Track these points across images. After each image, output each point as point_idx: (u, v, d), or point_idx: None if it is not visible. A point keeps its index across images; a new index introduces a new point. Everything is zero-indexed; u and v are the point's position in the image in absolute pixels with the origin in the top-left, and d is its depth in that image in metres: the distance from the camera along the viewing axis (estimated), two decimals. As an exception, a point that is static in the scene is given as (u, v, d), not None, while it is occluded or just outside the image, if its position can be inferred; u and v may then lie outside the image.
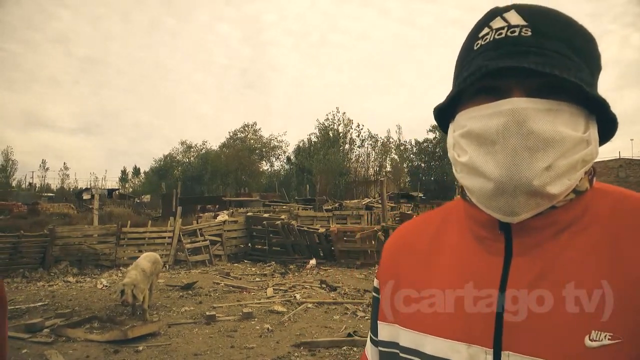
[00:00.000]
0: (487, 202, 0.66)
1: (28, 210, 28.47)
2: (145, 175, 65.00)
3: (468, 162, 0.67)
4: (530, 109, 0.61)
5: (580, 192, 0.67)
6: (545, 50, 0.63)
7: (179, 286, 9.65)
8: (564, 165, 0.62)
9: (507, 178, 0.61)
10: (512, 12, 0.66)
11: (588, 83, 0.63)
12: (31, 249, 11.35)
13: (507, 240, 0.67)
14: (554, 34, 0.64)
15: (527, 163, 0.61)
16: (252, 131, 54.28)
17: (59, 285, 10.06)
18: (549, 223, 0.65)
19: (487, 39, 0.67)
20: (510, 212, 0.64)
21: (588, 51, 0.67)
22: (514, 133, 0.61)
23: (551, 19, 0.66)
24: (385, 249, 0.88)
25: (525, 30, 0.64)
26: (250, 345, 5.79)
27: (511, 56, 0.63)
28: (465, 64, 0.70)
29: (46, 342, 5.88)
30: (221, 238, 13.97)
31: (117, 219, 18.03)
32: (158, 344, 5.83)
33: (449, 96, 0.71)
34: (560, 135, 0.62)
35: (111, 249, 12.18)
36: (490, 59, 0.64)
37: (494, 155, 0.63)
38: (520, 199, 0.62)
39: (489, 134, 0.63)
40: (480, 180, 0.65)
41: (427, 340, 0.70)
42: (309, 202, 26.80)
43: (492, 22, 0.67)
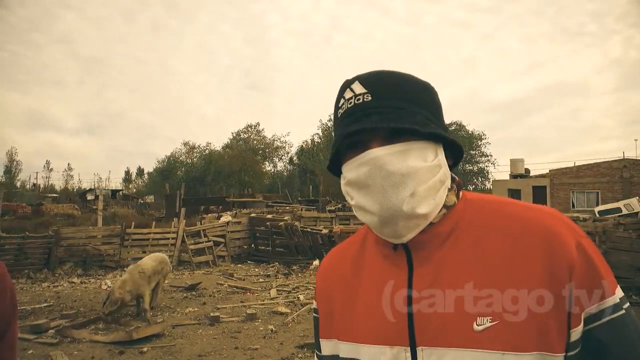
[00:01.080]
0: (378, 230, 0.82)
1: (32, 211, 28.63)
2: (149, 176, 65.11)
3: (356, 204, 0.82)
4: (384, 155, 0.77)
5: (450, 206, 0.82)
6: (383, 109, 0.79)
7: (183, 287, 9.69)
8: (424, 190, 0.77)
9: (383, 210, 0.77)
10: (356, 83, 0.83)
11: (423, 123, 0.78)
12: (36, 250, 11.42)
13: (408, 255, 0.82)
14: (388, 94, 0.80)
15: (394, 195, 0.76)
16: (255, 132, 54.35)
17: (64, 286, 10.11)
18: (431, 237, 0.81)
19: (343, 107, 0.83)
20: (397, 236, 0.79)
21: (422, 98, 0.83)
22: (378, 176, 0.77)
23: (385, 82, 0.82)
24: (319, 273, 1.02)
25: (367, 96, 0.80)
26: (254, 346, 5.81)
27: (359, 119, 0.79)
28: (336, 129, 0.86)
29: (51, 343, 5.92)
30: (224, 239, 14.01)
31: (121, 220, 18.11)
32: (162, 345, 5.86)
33: (330, 156, 0.87)
34: (413, 168, 0.77)
35: (115, 250, 12.23)
36: (347, 125, 0.80)
37: (370, 195, 0.78)
38: (400, 224, 0.77)
39: (361, 180, 0.79)
40: (368, 215, 0.80)
41: (361, 349, 0.83)
42: (312, 203, 26.82)
43: (344, 94, 0.84)
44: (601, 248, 9.28)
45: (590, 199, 28.08)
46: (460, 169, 49.06)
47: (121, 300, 6.92)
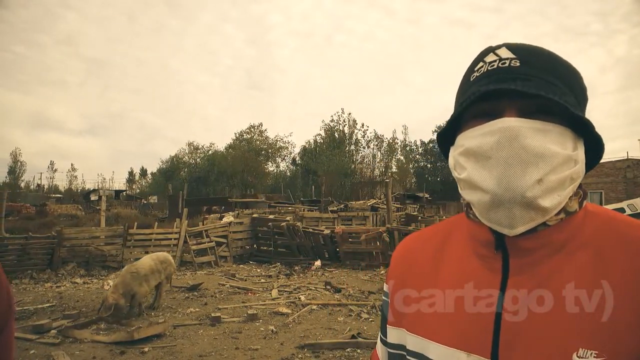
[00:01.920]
0: (486, 214, 0.71)
1: (36, 211, 28.75)
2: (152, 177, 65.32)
3: (467, 178, 0.73)
4: (521, 127, 0.67)
5: (570, 213, 0.72)
6: (532, 77, 0.69)
7: (184, 287, 9.71)
8: (554, 180, 0.67)
9: (502, 190, 0.66)
10: (503, 48, 0.74)
11: (573, 105, 0.68)
12: (39, 250, 11.47)
13: (505, 260, 0.73)
14: (540, 64, 0.71)
15: (519, 175, 0.66)
16: (257, 132, 54.45)
17: (67, 286, 10.15)
18: (542, 244, 0.70)
19: (481, 70, 0.74)
20: (508, 225, 0.68)
21: (573, 81, 0.73)
22: (507, 148, 0.67)
23: (537, 52, 0.74)
24: (394, 257, 0.95)
25: (514, 61, 0.72)
26: (254, 347, 5.82)
27: (501, 82, 0.70)
28: (463, 93, 0.78)
29: (53, 343, 5.95)
30: (227, 239, 14.03)
31: (124, 221, 18.18)
32: (163, 345, 5.88)
33: (448, 121, 0.78)
34: (550, 151, 0.67)
35: (118, 251, 12.27)
36: (483, 85, 0.71)
37: (489, 169, 0.68)
38: (516, 211, 0.67)
39: (484, 150, 0.69)
40: (478, 193, 0.71)
41: (431, 346, 0.76)
42: (314, 203, 26.83)
43: (485, 57, 0.75)
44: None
45: (593, 199, 27.98)
46: (463, 169, 48.95)
47: (115, 304, 6.93)
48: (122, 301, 7.09)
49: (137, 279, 7.36)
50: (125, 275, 7.32)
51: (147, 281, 7.57)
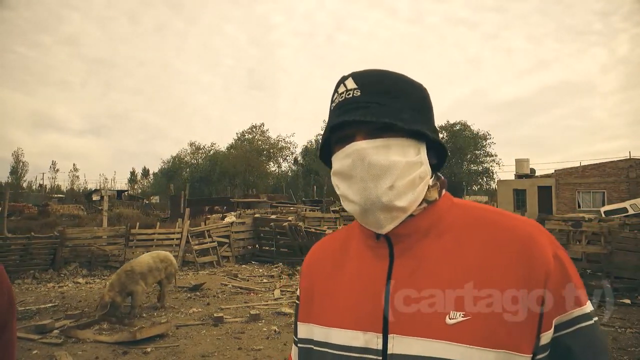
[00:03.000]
0: (360, 219, 0.87)
1: (38, 211, 28.78)
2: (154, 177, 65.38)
3: (341, 194, 0.87)
4: (366, 148, 0.81)
5: (431, 202, 0.86)
6: (370, 104, 0.82)
7: (187, 287, 9.71)
8: (403, 184, 0.81)
9: (364, 200, 0.81)
10: (349, 79, 0.87)
11: (407, 120, 0.82)
12: (41, 250, 11.48)
13: (390, 247, 0.86)
14: (376, 91, 0.84)
15: (374, 187, 0.80)
16: (259, 132, 54.45)
17: (69, 286, 10.16)
18: (412, 230, 0.85)
19: (336, 101, 0.88)
20: (378, 226, 0.83)
21: (409, 97, 0.86)
22: (359, 166, 0.81)
23: (376, 79, 0.86)
24: (304, 263, 1.06)
25: (356, 91, 0.85)
26: (257, 347, 5.81)
27: (347, 112, 0.83)
28: (328, 121, 0.90)
29: (56, 343, 5.95)
30: (229, 239, 14.03)
31: (126, 221, 18.17)
32: (166, 346, 5.87)
33: (320, 147, 0.94)
34: (393, 162, 0.81)
35: (120, 251, 12.28)
36: (336, 117, 0.85)
37: (353, 185, 0.83)
38: (379, 214, 0.82)
39: (345, 170, 0.84)
40: (351, 205, 0.85)
41: (334, 332, 0.86)
42: (316, 204, 26.81)
43: (339, 88, 0.88)
44: (607, 248, 9.23)
45: (596, 199, 27.91)
46: (465, 169, 48.90)
47: (111, 302, 6.94)
48: (119, 299, 7.10)
49: (133, 278, 7.36)
50: (121, 274, 7.32)
51: (144, 279, 7.56)
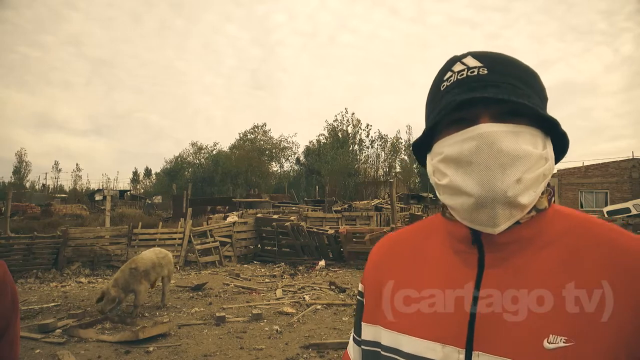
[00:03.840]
0: (469, 216, 0.75)
1: (41, 211, 28.86)
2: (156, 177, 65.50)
3: (449, 184, 0.76)
4: (496, 132, 0.72)
5: (540, 210, 0.77)
6: (500, 83, 0.75)
7: (189, 287, 9.73)
8: (530, 179, 0.72)
9: (485, 192, 0.71)
10: (469, 57, 0.79)
11: (539, 106, 0.74)
12: (44, 250, 11.51)
13: (480, 254, 0.77)
14: (505, 71, 0.77)
15: (500, 177, 0.70)
16: (261, 132, 54.49)
17: (72, 286, 10.19)
18: (514, 238, 0.75)
19: (451, 80, 0.79)
20: (492, 224, 0.73)
21: (534, 83, 0.79)
22: (486, 153, 0.71)
23: (502, 59, 0.79)
24: (371, 257, 0.98)
25: (482, 69, 0.77)
26: (259, 347, 5.82)
27: (473, 90, 0.74)
28: (435, 102, 0.81)
29: (59, 343, 5.96)
30: (231, 239, 14.05)
31: (128, 220, 18.20)
32: (168, 345, 5.88)
33: (424, 131, 0.82)
34: (525, 152, 0.72)
35: (123, 250, 12.31)
36: (456, 94, 0.76)
37: (471, 174, 0.73)
38: (498, 210, 0.71)
39: (464, 156, 0.74)
40: (462, 198, 0.74)
41: (406, 340, 0.78)
42: (318, 203, 26.82)
43: (453, 67, 0.80)
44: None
45: (599, 199, 27.85)
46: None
47: (117, 298, 7.02)
48: (123, 295, 7.20)
49: (136, 276, 7.40)
50: (125, 271, 7.37)
51: (147, 277, 7.61)
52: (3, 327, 1.55)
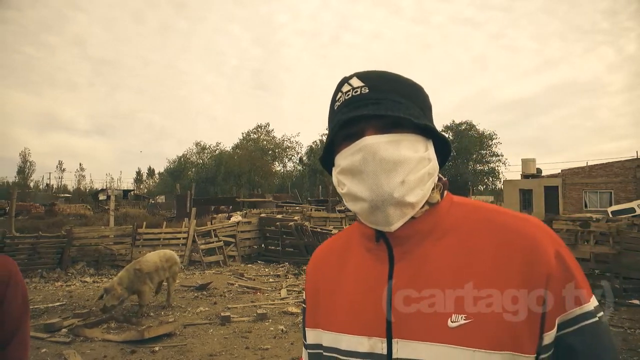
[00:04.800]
0: (368, 218, 0.84)
1: (45, 211, 28.96)
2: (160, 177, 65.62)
3: (348, 192, 0.85)
4: (378, 143, 0.81)
5: (433, 204, 0.86)
6: (379, 100, 0.83)
7: (193, 287, 9.73)
8: (414, 179, 0.81)
9: (375, 195, 0.80)
10: (354, 78, 0.88)
11: (416, 116, 0.83)
12: (49, 249, 11.54)
13: (389, 250, 0.86)
14: (384, 88, 0.85)
15: (386, 182, 0.79)
16: (265, 132, 54.52)
17: (76, 285, 10.21)
18: (412, 232, 0.84)
19: (340, 100, 0.88)
20: (387, 222, 0.81)
21: (414, 95, 0.88)
22: (371, 161, 0.80)
23: (383, 77, 0.88)
24: (308, 267, 1.07)
25: (364, 88, 0.86)
26: (265, 347, 5.82)
27: (357, 108, 0.83)
28: (331, 121, 0.91)
29: (64, 342, 5.98)
30: (235, 239, 14.05)
31: (132, 220, 18.25)
32: (174, 345, 5.89)
33: (324, 147, 0.92)
34: (404, 157, 0.81)
35: (127, 250, 12.32)
36: (344, 114, 0.85)
37: (363, 181, 0.81)
38: (389, 211, 0.80)
39: (355, 166, 0.82)
40: (359, 203, 0.83)
41: (341, 338, 0.86)
42: (321, 203, 26.83)
43: (342, 88, 0.89)
44: (614, 249, 9.16)
45: (603, 199, 27.72)
46: (471, 168, 48.75)
47: (121, 297, 7.06)
48: (126, 295, 7.23)
49: (141, 277, 7.43)
50: (130, 271, 7.38)
51: (150, 279, 7.63)
52: (15, 326, 1.56)
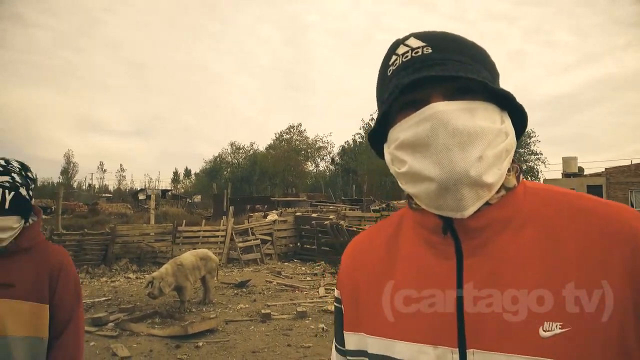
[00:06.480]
0: (434, 202, 0.69)
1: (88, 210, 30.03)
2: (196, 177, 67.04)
3: (409, 171, 0.71)
4: (450, 110, 0.67)
5: (510, 189, 0.72)
6: (446, 61, 0.70)
7: (233, 284, 9.85)
8: (492, 155, 0.67)
9: (446, 174, 0.66)
10: (412, 39, 0.75)
11: (491, 81, 0.70)
12: (94, 246, 11.96)
13: (457, 244, 0.71)
14: (450, 48, 0.73)
15: (460, 157, 0.65)
16: (297, 132, 54.77)
17: (120, 281, 10.52)
18: (488, 221, 0.70)
19: (397, 63, 0.75)
20: (459, 207, 0.67)
21: (483, 59, 0.75)
22: (441, 132, 0.66)
23: (445, 37, 0.75)
24: (344, 261, 0.91)
25: (426, 48, 0.72)
26: (306, 345, 5.80)
27: (420, 70, 0.70)
28: (384, 89, 0.77)
29: (112, 336, 6.15)
30: (271, 237, 14.15)
31: (171, 219, 18.66)
32: (216, 341, 5.95)
33: (377, 120, 0.78)
34: (482, 128, 0.67)
35: (168, 247, 12.62)
36: (403, 77, 0.71)
37: (430, 156, 0.67)
38: (464, 192, 0.66)
39: (420, 138, 0.68)
40: (424, 183, 0.69)
41: (395, 346, 0.73)
42: (355, 203, 26.70)
43: (397, 50, 0.76)
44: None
45: None
46: (509, 167, 47.59)
47: (160, 291, 7.23)
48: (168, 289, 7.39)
49: (183, 273, 7.60)
50: (173, 266, 7.54)
51: (192, 275, 7.80)
52: (68, 316, 1.57)
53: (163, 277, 7.21)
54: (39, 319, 1.50)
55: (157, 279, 7.17)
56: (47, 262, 1.56)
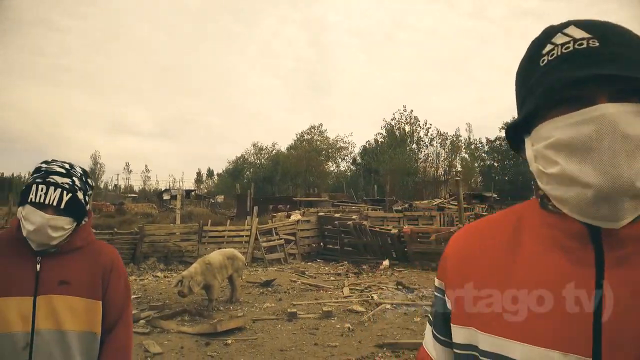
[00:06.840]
0: (586, 210, 0.65)
1: (115, 209, 30.76)
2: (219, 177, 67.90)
3: (560, 173, 0.66)
4: (619, 113, 0.62)
5: None
6: (617, 57, 0.64)
7: (258, 283, 9.99)
8: None
9: (610, 183, 0.61)
10: (572, 27, 0.69)
11: None
12: (123, 245, 12.24)
13: (598, 252, 0.67)
14: (620, 42, 0.66)
15: (627, 166, 0.61)
16: (318, 132, 54.94)
17: (149, 279, 10.77)
18: (637, 234, 0.65)
19: (554, 54, 0.68)
20: (614, 218, 0.63)
21: None
22: (609, 138, 0.61)
23: (612, 29, 0.68)
24: (453, 249, 0.87)
25: (592, 41, 0.66)
26: (333, 344, 5.86)
27: (588, 66, 0.64)
28: (534, 80, 0.71)
29: (143, 333, 6.32)
30: (295, 237, 14.27)
31: (196, 218, 19.00)
32: (245, 338, 6.06)
33: (525, 112, 0.71)
34: None
35: (194, 247, 12.85)
36: (566, 71, 0.65)
37: (591, 162, 0.62)
38: (625, 203, 0.62)
39: (581, 141, 0.63)
40: (576, 189, 0.64)
41: (514, 347, 0.69)
42: (377, 203, 26.67)
43: (554, 39, 0.70)
44: None
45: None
46: (534, 167, 46.62)
47: (190, 290, 7.37)
48: (197, 288, 7.52)
49: (211, 271, 7.74)
50: (202, 265, 7.69)
51: (219, 274, 7.95)
52: (119, 312, 1.68)
53: (192, 276, 7.36)
54: (93, 315, 1.58)
55: (186, 278, 7.33)
56: (100, 261, 1.64)
